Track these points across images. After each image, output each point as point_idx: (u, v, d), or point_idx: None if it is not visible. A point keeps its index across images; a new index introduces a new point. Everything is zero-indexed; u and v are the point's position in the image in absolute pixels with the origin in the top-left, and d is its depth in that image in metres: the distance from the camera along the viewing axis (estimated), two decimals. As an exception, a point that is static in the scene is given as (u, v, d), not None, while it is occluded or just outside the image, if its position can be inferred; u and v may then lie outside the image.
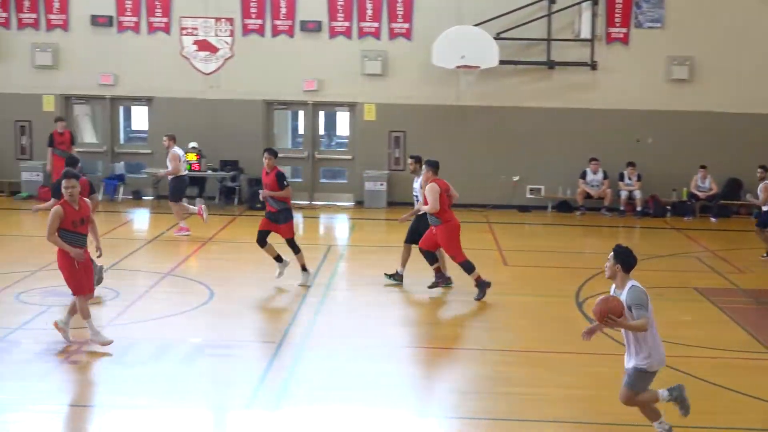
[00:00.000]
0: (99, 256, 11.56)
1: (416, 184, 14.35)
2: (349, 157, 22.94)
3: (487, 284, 13.72)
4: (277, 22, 22.38)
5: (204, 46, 22.48)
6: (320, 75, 22.46)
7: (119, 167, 22.86)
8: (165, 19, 22.44)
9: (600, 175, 21.98)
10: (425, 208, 13.68)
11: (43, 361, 10.65)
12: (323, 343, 11.62)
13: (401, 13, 22.29)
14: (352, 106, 22.77)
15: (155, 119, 22.87)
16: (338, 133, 26.75)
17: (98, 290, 12.69)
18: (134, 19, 22.44)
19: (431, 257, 13.99)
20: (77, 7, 22.42)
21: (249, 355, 11.11)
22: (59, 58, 22.54)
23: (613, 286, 8.36)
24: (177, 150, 18.55)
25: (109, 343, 10.98)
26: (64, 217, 10.85)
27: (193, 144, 21.86)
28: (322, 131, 24.17)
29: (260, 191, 14.39)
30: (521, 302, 13.85)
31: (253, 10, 22.34)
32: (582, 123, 22.29)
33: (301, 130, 24.63)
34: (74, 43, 22.52)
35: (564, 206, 22.44)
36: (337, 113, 24.78)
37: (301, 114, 24.10)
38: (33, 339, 11.36)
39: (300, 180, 23.20)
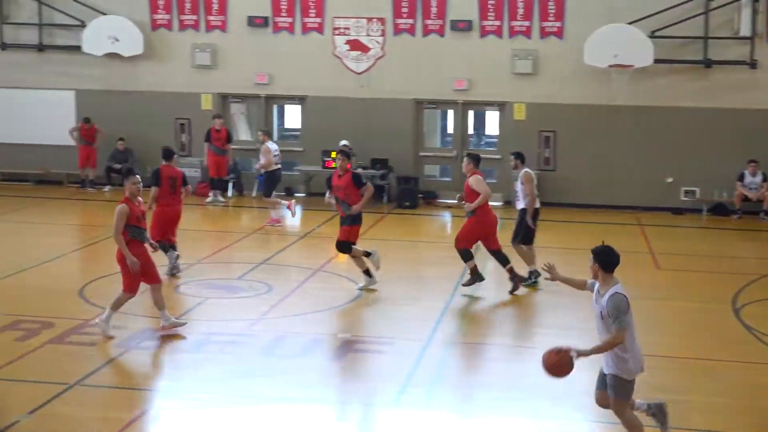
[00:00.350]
0: (154, 251, 11.84)
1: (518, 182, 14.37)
2: (499, 156, 22.83)
3: (481, 279, 13.76)
4: (428, 22, 22.49)
5: (356, 45, 22.79)
6: (470, 74, 22.45)
7: (273, 164, 23.39)
8: (318, 20, 22.86)
9: (759, 178, 21.21)
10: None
11: (200, 351, 11.05)
12: (470, 342, 11.65)
13: (553, 11, 22.06)
14: (501, 106, 22.68)
15: (308, 118, 23.33)
16: (487, 132, 26.67)
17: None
18: (289, 19, 22.94)
19: (501, 257, 13.83)
20: (235, 9, 23.07)
21: (396, 352, 11.22)
22: (217, 58, 23.25)
23: (596, 285, 7.97)
24: (270, 145, 19.30)
25: (110, 337, 11.20)
26: (130, 213, 11.19)
27: (344, 142, 22.17)
28: (471, 130, 24.15)
29: (327, 196, 14.02)
30: (674, 307, 13.53)
31: (404, 9, 22.51)
32: (740, 123, 21.55)
33: (450, 129, 24.67)
34: (231, 44, 23.19)
35: (720, 209, 21.75)
36: (487, 112, 24.69)
37: (450, 113, 24.14)
38: (191, 329, 11.78)
39: (449, 179, 23.25)
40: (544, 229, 19.93)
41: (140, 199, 11.52)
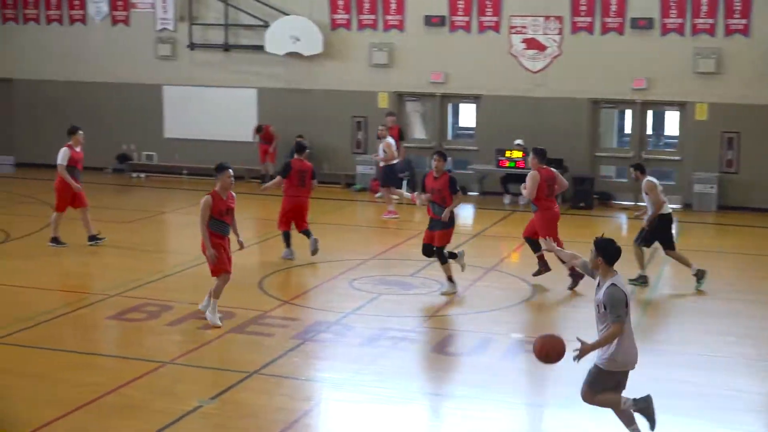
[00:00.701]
0: (240, 249, 12.17)
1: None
2: (678, 157, 22.23)
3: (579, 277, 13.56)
4: (607, 20, 22.08)
5: (532, 44, 22.63)
6: (649, 73, 21.91)
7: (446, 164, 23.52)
8: (495, 18, 22.80)
9: None
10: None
11: (373, 345, 11.25)
12: (647, 348, 11.40)
13: (738, 8, 21.26)
14: (682, 106, 22.04)
15: (482, 116, 23.33)
16: (666, 132, 25.97)
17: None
18: (466, 18, 22.98)
19: (534, 245, 14.02)
20: (412, 8, 23.29)
21: (568, 354, 11.09)
22: (394, 56, 23.53)
23: (598, 277, 8.12)
24: (390, 139, 20.29)
25: (218, 326, 11.55)
26: (213, 206, 11.59)
27: (518, 141, 22.09)
28: (649, 131, 23.58)
29: (423, 196, 13.75)
30: None
31: (582, 8, 22.18)
32: None
33: (627, 130, 24.16)
34: (408, 43, 23.41)
35: None
36: (666, 112, 24.05)
37: (627, 113, 23.64)
38: (365, 324, 12.02)
39: (625, 180, 22.77)
40: (725, 233, 19.37)
41: (232, 193, 11.90)
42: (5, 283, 13.76)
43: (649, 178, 14.35)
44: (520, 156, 21.83)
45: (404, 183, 22.86)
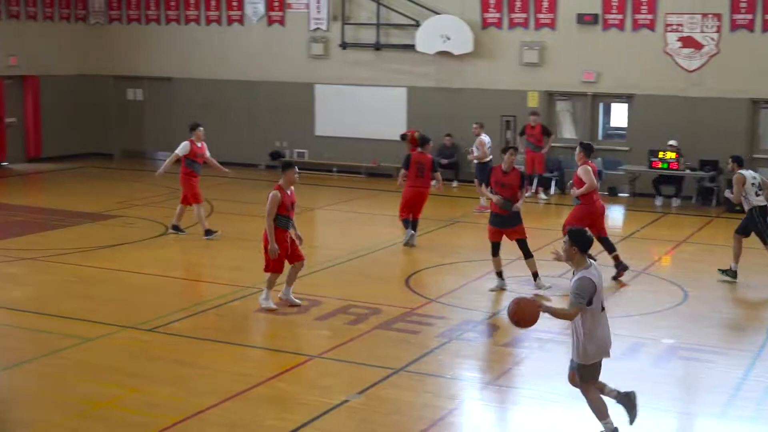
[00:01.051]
0: (300, 242, 12.30)
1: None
2: (841, 159, 21.25)
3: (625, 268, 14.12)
4: (769, 17, 21.33)
5: (688, 42, 22.00)
6: (814, 72, 21.08)
7: (597, 163, 23.11)
8: (650, 16, 22.28)
9: None
10: (581, 190, 13.79)
11: (519, 346, 11.18)
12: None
13: None
14: None
15: (634, 116, 22.83)
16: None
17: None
18: (619, 16, 22.54)
19: (605, 243, 14.03)
20: (564, 6, 22.99)
21: (724, 362, 10.76)
22: (545, 55, 23.30)
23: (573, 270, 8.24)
24: (484, 137, 20.21)
25: (273, 309, 12.13)
26: (281, 201, 11.73)
27: (671, 142, 21.54)
28: (812, 132, 22.61)
29: (496, 197, 13.53)
30: None
31: (742, 4, 21.44)
32: None
33: (789, 131, 23.22)
34: (560, 41, 23.13)
35: None
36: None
37: (790, 113, 22.73)
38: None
39: (785, 183, 21.91)
40: None
41: (292, 188, 12.09)
42: (162, 274, 14.30)
43: (741, 171, 14.36)
44: (674, 157, 21.28)
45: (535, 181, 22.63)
